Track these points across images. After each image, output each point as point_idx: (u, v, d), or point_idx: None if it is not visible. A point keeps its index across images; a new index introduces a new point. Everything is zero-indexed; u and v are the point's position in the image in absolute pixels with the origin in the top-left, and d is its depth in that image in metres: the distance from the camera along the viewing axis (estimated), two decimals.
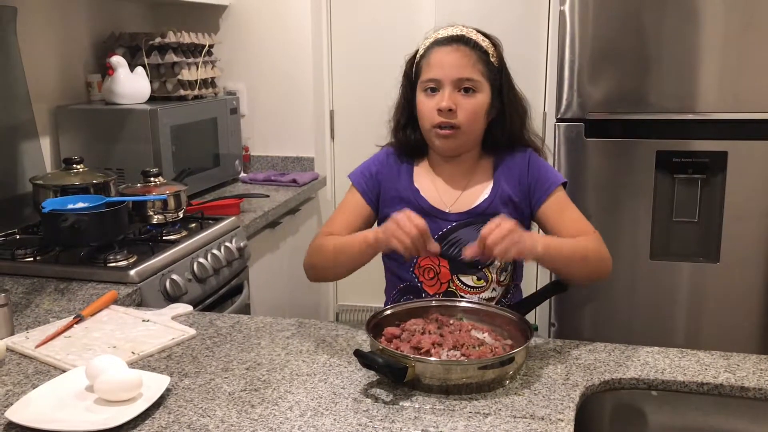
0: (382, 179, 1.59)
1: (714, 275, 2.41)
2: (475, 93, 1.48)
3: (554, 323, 2.56)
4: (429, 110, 1.49)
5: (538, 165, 1.55)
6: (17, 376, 1.26)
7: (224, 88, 3.07)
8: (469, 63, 1.47)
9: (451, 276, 1.53)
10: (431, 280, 1.54)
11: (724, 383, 1.22)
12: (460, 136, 1.49)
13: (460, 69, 1.47)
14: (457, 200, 1.54)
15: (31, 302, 1.63)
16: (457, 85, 1.47)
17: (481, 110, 1.49)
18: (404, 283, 1.57)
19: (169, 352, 1.35)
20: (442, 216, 1.53)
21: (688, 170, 2.38)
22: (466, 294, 1.53)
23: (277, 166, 3.14)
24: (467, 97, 1.47)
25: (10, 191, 2.21)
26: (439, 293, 1.53)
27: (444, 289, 1.53)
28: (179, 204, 2.13)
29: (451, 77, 1.46)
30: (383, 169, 1.60)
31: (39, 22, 2.39)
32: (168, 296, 1.82)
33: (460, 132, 1.48)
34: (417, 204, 1.53)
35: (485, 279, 1.53)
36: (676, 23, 2.30)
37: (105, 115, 2.46)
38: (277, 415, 1.12)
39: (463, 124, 1.47)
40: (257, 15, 3.03)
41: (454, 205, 1.54)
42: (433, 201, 1.54)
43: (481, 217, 1.48)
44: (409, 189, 1.56)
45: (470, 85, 1.47)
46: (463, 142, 1.51)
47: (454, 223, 1.53)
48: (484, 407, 1.14)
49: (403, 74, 1.59)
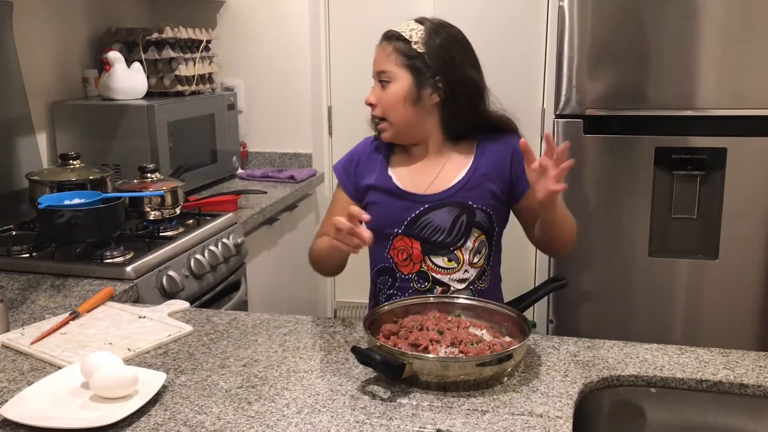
0: (359, 169, 1.66)
1: (713, 272, 2.41)
2: (389, 83, 1.56)
3: (552, 320, 2.55)
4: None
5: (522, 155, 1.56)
6: (12, 373, 1.25)
7: (222, 83, 3.06)
8: (383, 56, 1.57)
9: (423, 257, 1.57)
10: (405, 261, 1.59)
11: (723, 380, 1.22)
12: (389, 127, 1.58)
13: (378, 63, 1.58)
14: (432, 183, 1.59)
15: (26, 298, 1.62)
16: (378, 79, 1.58)
17: (397, 98, 1.55)
18: (381, 264, 1.62)
19: (166, 349, 1.35)
20: (414, 199, 1.58)
21: (687, 167, 2.37)
22: (437, 274, 1.58)
23: (275, 163, 3.13)
24: (383, 90, 1.57)
25: (6, 187, 2.20)
26: (413, 273, 1.59)
27: (417, 269, 1.58)
28: (176, 200, 2.12)
29: (374, 73, 1.59)
30: (362, 159, 1.67)
31: (35, 18, 2.38)
32: (165, 293, 1.81)
33: (389, 124, 1.58)
34: (388, 189, 1.60)
35: (456, 260, 1.58)
36: (675, 19, 2.29)
37: (102, 111, 2.44)
38: (274, 412, 1.11)
39: (385, 114, 1.57)
40: (255, 11, 3.02)
41: (429, 187, 1.59)
42: (405, 185, 1.60)
43: (453, 198, 1.55)
44: (382, 176, 1.62)
45: (384, 77, 1.56)
46: (398, 129, 1.58)
47: (426, 205, 1.57)
48: (482, 404, 1.13)
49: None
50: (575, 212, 1.65)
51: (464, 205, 1.56)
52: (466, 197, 1.56)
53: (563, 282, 1.51)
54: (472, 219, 1.56)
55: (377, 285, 1.65)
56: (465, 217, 1.55)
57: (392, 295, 1.61)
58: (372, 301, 1.70)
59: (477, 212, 1.56)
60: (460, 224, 1.56)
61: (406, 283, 1.59)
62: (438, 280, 1.58)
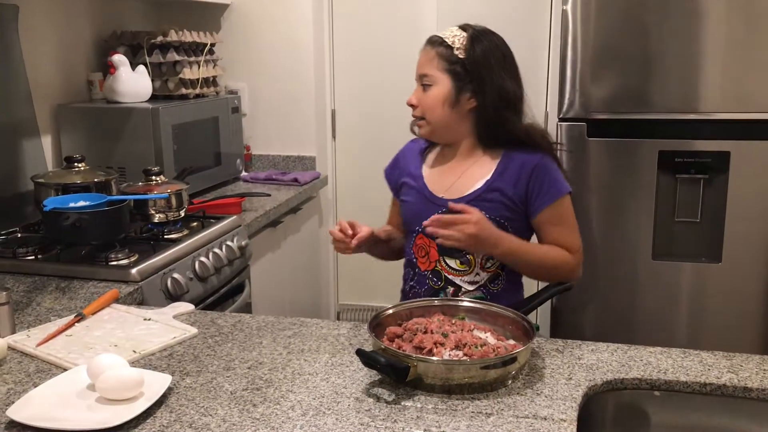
0: (401, 168, 1.77)
1: (716, 275, 2.41)
2: (430, 87, 1.63)
3: (556, 323, 2.56)
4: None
5: (544, 173, 1.61)
6: (18, 375, 1.26)
7: (226, 87, 3.07)
8: (426, 60, 1.64)
9: (439, 257, 1.65)
10: (423, 258, 1.68)
11: (727, 384, 1.22)
12: (426, 125, 1.66)
13: (421, 67, 1.65)
14: (452, 186, 1.66)
15: (32, 301, 1.63)
16: (420, 82, 1.65)
17: (437, 101, 1.62)
18: (407, 257, 1.74)
19: (171, 351, 1.35)
20: (435, 200, 1.65)
21: (691, 170, 2.37)
22: (449, 275, 1.65)
23: (279, 165, 3.14)
24: (425, 92, 1.64)
25: (12, 189, 2.21)
26: (428, 270, 1.67)
27: (432, 267, 1.66)
28: (181, 203, 2.13)
29: (417, 75, 1.66)
30: (403, 158, 1.79)
31: (41, 20, 2.39)
32: (169, 295, 1.82)
33: (426, 122, 1.66)
34: (418, 189, 1.70)
35: (468, 264, 1.63)
36: (678, 22, 2.29)
37: (106, 114, 2.45)
38: (279, 414, 1.11)
39: (423, 115, 1.65)
40: (259, 14, 3.03)
41: (448, 190, 1.65)
42: (432, 186, 1.69)
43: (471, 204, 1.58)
44: (415, 175, 1.73)
45: (426, 81, 1.64)
46: (434, 129, 1.66)
47: (444, 208, 1.61)
48: (487, 407, 1.13)
49: None
50: (579, 215, 1.66)
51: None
52: (482, 207, 1.57)
53: (568, 285, 1.52)
54: None
55: (406, 273, 1.76)
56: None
57: (413, 287, 1.71)
58: (404, 285, 1.78)
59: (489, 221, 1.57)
60: None
61: (423, 279, 1.68)
62: (450, 281, 1.64)
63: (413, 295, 1.69)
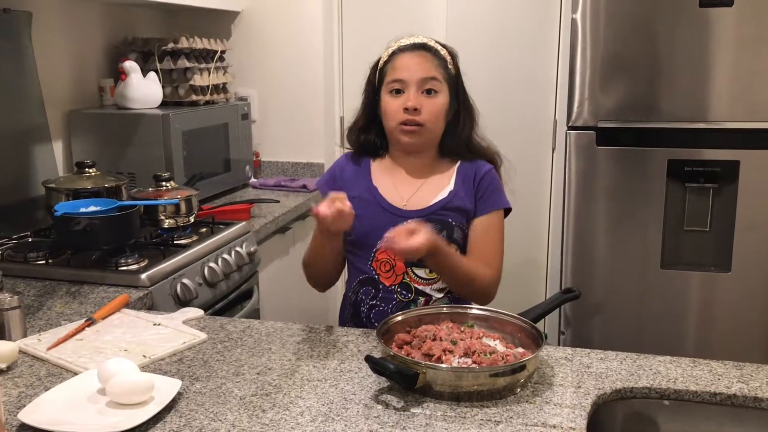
0: (344, 183, 1.68)
1: (725, 285, 2.40)
2: (437, 94, 1.59)
3: (564, 331, 2.55)
4: (395, 109, 1.59)
5: (491, 182, 1.65)
6: (30, 378, 1.26)
7: (235, 93, 3.08)
8: (431, 66, 1.59)
9: (406, 269, 1.61)
10: (387, 272, 1.62)
11: (737, 393, 1.21)
12: (423, 133, 1.60)
13: (425, 71, 1.58)
14: (413, 196, 1.63)
15: (43, 305, 1.64)
16: (421, 86, 1.58)
17: (442, 110, 1.60)
18: (363, 275, 1.64)
19: (181, 356, 1.36)
20: (397, 212, 1.62)
21: (700, 179, 2.37)
22: (419, 285, 1.61)
23: (288, 172, 3.15)
24: (430, 98, 1.58)
25: (23, 194, 2.23)
26: (395, 284, 1.61)
27: (399, 281, 1.61)
28: (190, 208, 2.14)
29: (416, 78, 1.58)
30: (344, 173, 1.71)
31: (53, 27, 2.41)
32: (179, 300, 1.82)
33: (424, 129, 1.59)
34: (376, 202, 1.63)
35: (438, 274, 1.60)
36: (687, 31, 2.30)
37: (117, 120, 2.47)
38: (288, 420, 1.12)
39: (426, 122, 1.58)
40: (269, 21, 3.04)
41: (410, 200, 1.63)
42: (390, 198, 1.64)
43: (434, 216, 1.59)
44: (368, 188, 1.66)
45: (432, 86, 1.58)
46: (426, 139, 1.62)
47: (408, 219, 1.57)
48: (496, 415, 1.13)
49: (367, 80, 1.71)
50: (589, 224, 1.66)
51: (444, 223, 1.59)
52: (446, 216, 1.60)
53: (576, 294, 1.51)
54: (451, 235, 1.60)
55: (359, 295, 1.65)
56: (445, 233, 1.58)
57: (375, 305, 1.62)
58: (349, 310, 1.69)
59: (455, 229, 1.60)
60: None
61: (389, 294, 1.61)
62: (420, 291, 1.61)
63: (376, 315, 1.61)
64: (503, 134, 2.98)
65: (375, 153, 1.70)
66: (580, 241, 2.47)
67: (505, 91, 2.93)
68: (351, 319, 1.68)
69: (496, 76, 2.93)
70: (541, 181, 2.92)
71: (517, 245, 3.22)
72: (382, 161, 1.70)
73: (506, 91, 2.94)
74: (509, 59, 2.92)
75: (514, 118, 2.92)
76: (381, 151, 1.70)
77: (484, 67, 2.92)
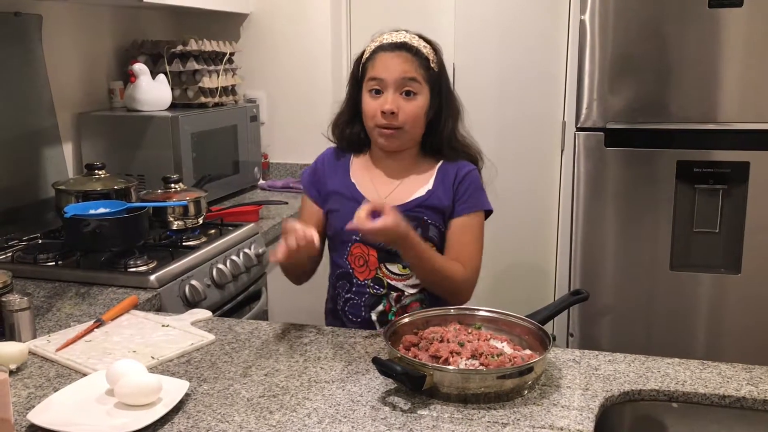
0: (324, 177, 1.69)
1: (735, 287, 2.38)
2: (416, 95, 1.56)
3: (572, 333, 2.54)
4: (373, 111, 1.57)
5: (472, 182, 1.63)
6: (39, 379, 1.27)
7: (244, 95, 3.09)
8: (411, 67, 1.56)
9: (379, 264, 1.61)
10: (361, 267, 1.62)
11: (746, 396, 1.21)
12: (401, 135, 1.58)
13: (403, 71, 1.55)
14: (392, 193, 1.62)
15: (52, 306, 1.65)
16: (400, 88, 1.55)
17: (421, 112, 1.58)
18: (340, 269, 1.66)
19: (189, 357, 1.36)
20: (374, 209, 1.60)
21: (710, 180, 2.36)
22: (392, 281, 1.61)
23: (296, 174, 3.15)
24: (408, 100, 1.56)
25: (33, 196, 2.24)
26: (368, 279, 1.61)
27: (372, 275, 1.61)
28: (199, 210, 2.15)
29: (394, 78, 1.55)
30: (325, 167, 1.71)
31: (64, 30, 2.43)
32: (187, 302, 1.83)
33: (402, 132, 1.57)
34: (352, 197, 1.62)
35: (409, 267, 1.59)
36: (696, 32, 2.29)
37: (127, 122, 2.48)
38: (296, 421, 1.12)
39: (404, 125, 1.56)
40: (278, 23, 3.05)
41: (387, 198, 1.61)
42: (368, 194, 1.62)
43: (409, 213, 1.56)
44: (344, 184, 1.65)
45: (411, 88, 1.55)
46: (405, 140, 1.60)
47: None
48: (503, 417, 1.13)
49: (351, 73, 1.68)
50: (597, 225, 1.66)
51: (419, 220, 1.59)
52: (422, 213, 1.60)
53: (584, 295, 1.51)
54: (426, 233, 1.59)
55: (336, 289, 1.68)
56: (420, 230, 1.58)
57: (350, 299, 1.64)
58: (329, 305, 1.72)
59: (431, 227, 1.60)
60: None
61: (363, 288, 1.62)
62: (393, 286, 1.61)
63: (350, 308, 1.63)
64: (512, 135, 3.01)
65: (359, 149, 1.69)
66: (588, 242, 2.47)
67: (513, 92, 2.93)
68: (330, 312, 1.71)
69: (504, 77, 2.93)
70: (550, 182, 2.91)
71: (525, 246, 3.22)
72: (363, 157, 1.69)
73: (515, 93, 2.93)
74: (518, 60, 2.92)
75: (523, 119, 2.92)
76: (364, 148, 1.69)
77: (493, 68, 2.92)
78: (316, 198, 1.69)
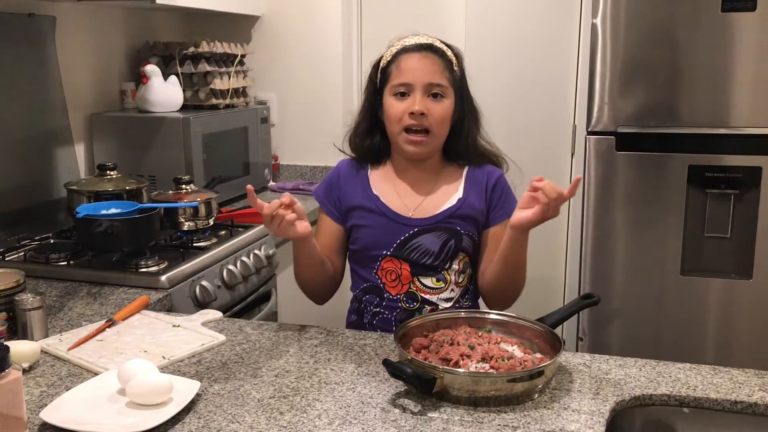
0: (341, 192, 1.64)
1: (746, 292, 2.37)
2: (443, 98, 1.54)
3: (582, 337, 2.53)
4: (399, 113, 1.53)
5: (504, 188, 1.63)
6: (51, 378, 1.28)
7: (255, 97, 3.10)
8: (438, 69, 1.54)
9: (412, 278, 1.58)
10: (393, 281, 1.59)
11: (758, 402, 1.20)
12: (431, 141, 1.55)
13: (431, 74, 1.53)
14: (420, 205, 1.60)
15: (64, 305, 1.66)
16: (428, 90, 1.53)
17: (449, 115, 1.56)
18: (367, 284, 1.62)
19: (199, 358, 1.37)
20: (404, 221, 1.58)
21: (721, 185, 2.34)
22: (425, 294, 1.59)
23: (306, 176, 3.16)
24: (437, 102, 1.54)
25: (46, 196, 2.26)
26: (401, 294, 1.59)
27: (405, 290, 1.59)
28: (210, 211, 2.15)
29: (423, 82, 1.52)
30: (342, 181, 1.66)
31: (76, 31, 2.44)
32: (197, 302, 1.84)
33: (431, 137, 1.55)
34: (378, 210, 1.59)
35: (444, 280, 1.59)
36: (709, 36, 2.28)
37: (138, 123, 2.49)
38: (306, 422, 1.12)
39: (432, 127, 1.53)
40: (289, 26, 3.06)
41: (416, 210, 1.59)
42: (394, 206, 1.59)
43: (442, 224, 1.56)
44: (367, 197, 1.61)
45: (439, 91, 1.54)
46: (434, 147, 1.58)
47: (415, 228, 1.57)
48: (513, 420, 1.13)
49: (369, 79, 1.64)
50: (608, 229, 1.65)
51: (453, 231, 1.57)
52: (455, 224, 1.58)
53: (595, 299, 1.50)
54: (460, 244, 1.58)
55: (362, 303, 1.64)
56: (453, 242, 1.57)
57: (379, 313, 1.61)
58: (353, 317, 1.68)
59: (464, 238, 1.58)
60: (448, 248, 1.58)
61: (394, 303, 1.60)
62: (426, 300, 1.59)
63: (380, 323, 1.60)
64: (522, 139, 3.00)
65: (377, 159, 1.65)
66: (599, 246, 2.46)
67: (524, 95, 2.93)
68: (353, 325, 1.68)
69: (515, 81, 2.93)
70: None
71: (535, 251, 3.19)
72: (382, 168, 1.65)
73: (525, 96, 2.93)
74: (528, 64, 2.91)
75: (534, 123, 2.91)
76: (383, 158, 1.65)
77: (504, 71, 2.91)
78: (333, 214, 1.65)
